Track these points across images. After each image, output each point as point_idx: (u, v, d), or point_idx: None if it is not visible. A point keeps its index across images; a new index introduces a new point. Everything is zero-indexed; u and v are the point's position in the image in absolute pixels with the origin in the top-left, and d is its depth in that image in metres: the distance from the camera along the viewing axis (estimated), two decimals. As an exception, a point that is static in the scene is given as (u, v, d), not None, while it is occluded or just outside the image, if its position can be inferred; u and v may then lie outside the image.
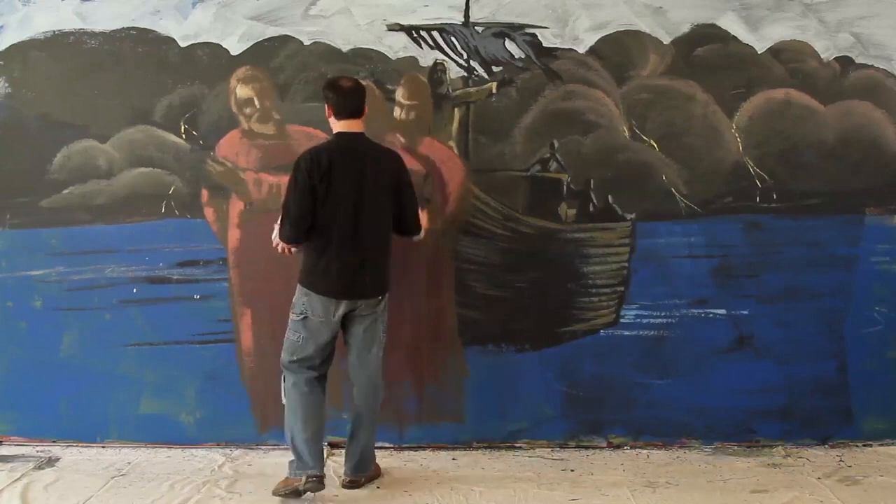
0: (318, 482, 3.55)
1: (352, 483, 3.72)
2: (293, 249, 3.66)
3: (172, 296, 4.18)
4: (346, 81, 3.59)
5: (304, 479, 3.53)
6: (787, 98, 4.08)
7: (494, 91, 4.06)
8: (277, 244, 3.67)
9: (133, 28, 4.11)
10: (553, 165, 4.11)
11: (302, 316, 3.60)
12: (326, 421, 4.19)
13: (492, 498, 3.65)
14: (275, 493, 3.62)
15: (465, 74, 4.07)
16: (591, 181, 4.11)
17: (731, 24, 4.05)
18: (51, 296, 4.20)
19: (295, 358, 3.62)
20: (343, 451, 3.82)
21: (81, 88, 4.14)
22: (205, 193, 4.16)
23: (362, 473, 3.75)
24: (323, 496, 3.66)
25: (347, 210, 3.51)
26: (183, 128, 4.12)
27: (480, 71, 4.07)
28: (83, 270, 4.20)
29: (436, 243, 4.13)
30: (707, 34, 4.05)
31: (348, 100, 3.55)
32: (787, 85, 4.08)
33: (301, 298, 3.61)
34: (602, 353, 4.15)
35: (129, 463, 4.06)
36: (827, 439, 4.19)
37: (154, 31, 4.11)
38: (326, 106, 3.62)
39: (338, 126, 3.60)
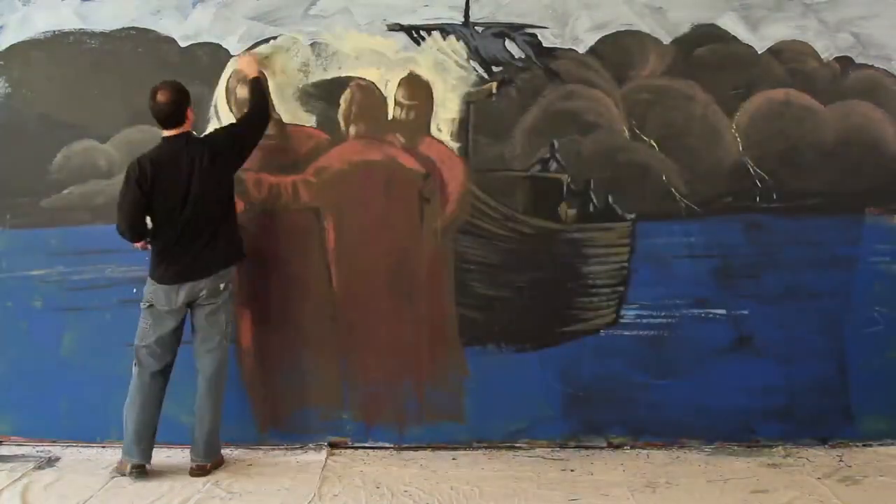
0: (141, 471, 3.84)
1: (199, 469, 3.89)
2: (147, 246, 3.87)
3: (172, 296, 4.17)
4: (161, 95, 3.73)
5: (128, 466, 3.84)
6: (787, 98, 4.08)
7: (494, 91, 4.06)
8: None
9: (133, 28, 4.11)
10: (553, 165, 4.11)
11: (148, 304, 3.85)
12: (326, 421, 4.21)
13: (492, 498, 3.65)
14: (114, 473, 3.89)
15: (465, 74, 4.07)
16: (591, 181, 4.10)
17: (731, 24, 4.05)
18: (51, 296, 4.20)
19: (143, 344, 3.85)
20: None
21: (81, 88, 4.14)
22: (205, 193, 4.15)
23: (210, 459, 3.93)
24: (322, 493, 3.67)
25: (172, 205, 3.74)
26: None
27: (480, 71, 4.06)
28: (83, 270, 4.20)
29: (436, 243, 4.13)
30: (707, 34, 4.05)
31: (160, 113, 3.75)
32: (787, 85, 4.07)
33: (148, 288, 3.86)
34: (602, 353, 4.15)
35: (129, 463, 4.06)
36: (827, 439, 4.18)
37: (154, 31, 4.11)
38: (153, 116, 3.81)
39: (164, 132, 3.81)
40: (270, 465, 4.02)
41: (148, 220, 3.82)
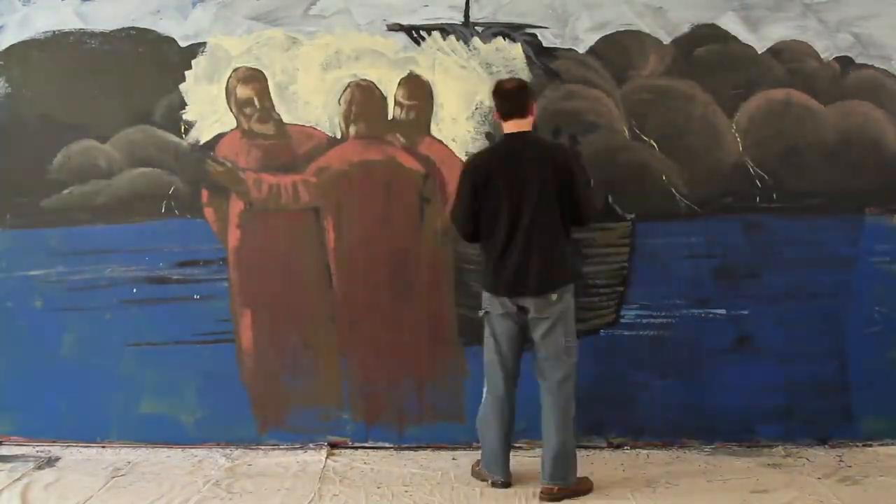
0: (504, 485, 3.71)
1: (546, 492, 3.62)
2: None
3: (172, 296, 4.18)
4: (509, 83, 3.61)
5: (489, 481, 3.73)
6: (787, 98, 4.08)
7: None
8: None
9: (133, 28, 4.11)
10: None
11: (484, 311, 3.67)
12: (326, 421, 4.22)
13: (492, 498, 3.65)
14: (472, 473, 3.82)
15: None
16: (591, 181, 4.10)
17: (731, 24, 4.05)
18: (51, 296, 4.20)
19: (491, 356, 3.67)
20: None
21: (81, 88, 4.14)
22: (205, 193, 4.16)
23: (560, 482, 3.62)
24: (322, 493, 3.67)
25: (508, 211, 3.50)
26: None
27: (480, 71, 4.06)
28: (83, 270, 4.20)
29: (436, 243, 4.13)
30: (707, 34, 4.05)
31: (508, 101, 3.56)
32: (787, 85, 4.07)
33: (484, 296, 3.67)
34: (602, 353, 4.15)
35: (129, 463, 4.06)
36: (827, 439, 4.18)
37: (154, 31, 4.11)
38: (494, 111, 3.65)
39: (506, 127, 3.61)
40: (270, 465, 4.02)
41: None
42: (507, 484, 3.71)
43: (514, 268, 3.53)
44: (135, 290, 4.19)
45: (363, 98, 4.09)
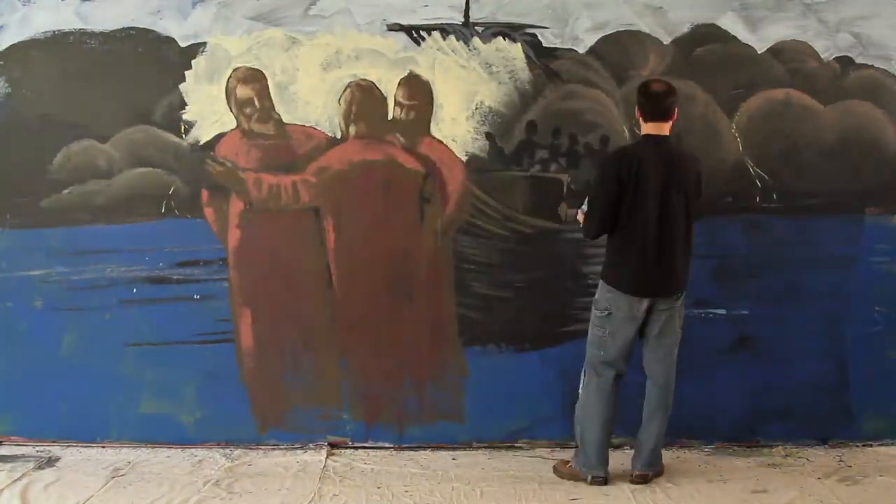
0: (603, 482, 3.72)
1: (640, 478, 3.74)
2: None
3: (172, 296, 4.18)
4: (657, 85, 3.59)
5: (588, 478, 3.72)
6: (787, 98, 4.08)
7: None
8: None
9: (133, 28, 4.11)
10: (553, 165, 4.11)
11: (606, 312, 3.64)
12: (326, 421, 4.22)
13: (492, 498, 3.65)
14: (557, 474, 3.82)
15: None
16: (591, 181, 4.10)
17: (731, 24, 4.05)
18: (51, 296, 4.20)
19: (602, 353, 3.67)
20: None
21: (81, 88, 4.14)
22: (205, 193, 4.16)
23: (652, 468, 3.77)
24: (322, 493, 3.67)
25: (651, 210, 3.53)
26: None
27: (480, 71, 4.06)
28: (83, 270, 4.19)
29: (436, 243, 4.13)
30: (707, 34, 4.05)
31: (656, 103, 3.56)
32: (787, 85, 4.08)
33: (605, 295, 3.65)
34: (602, 353, 4.15)
35: (129, 463, 4.06)
36: (827, 439, 4.19)
37: (154, 31, 4.10)
38: (637, 108, 3.64)
39: (645, 128, 3.61)
40: (270, 465, 4.02)
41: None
42: (606, 480, 3.73)
43: (658, 268, 3.56)
44: (135, 290, 4.19)
45: (363, 98, 4.09)
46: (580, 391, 3.76)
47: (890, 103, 4.09)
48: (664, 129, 3.59)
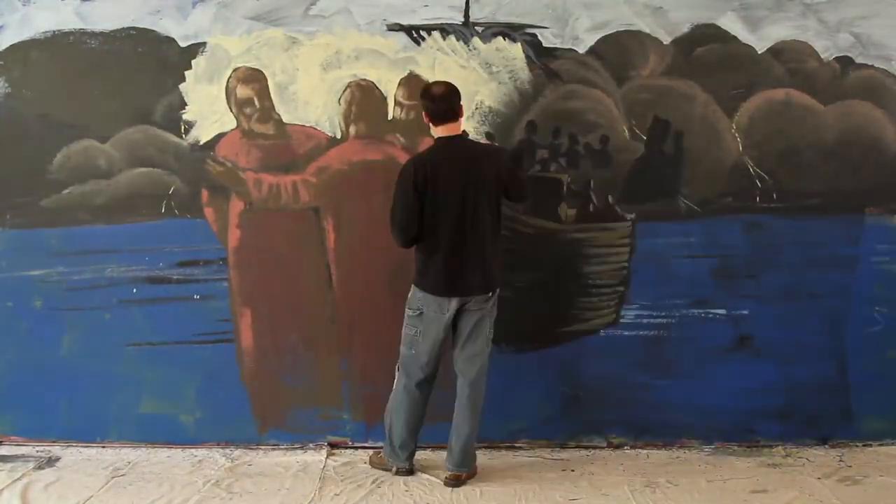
0: (408, 473, 3.85)
1: (453, 478, 3.79)
2: None
3: (172, 296, 4.18)
4: (438, 87, 3.63)
5: (394, 469, 3.86)
6: (787, 98, 4.08)
7: None
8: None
9: (133, 28, 4.11)
10: (553, 165, 4.11)
11: (418, 311, 3.71)
12: (326, 421, 4.22)
13: (492, 498, 3.65)
14: (371, 464, 3.96)
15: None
16: (591, 181, 4.10)
17: (731, 24, 4.05)
18: (51, 296, 4.20)
19: (413, 352, 3.73)
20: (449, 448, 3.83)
21: (81, 88, 4.14)
22: (205, 193, 4.16)
23: (464, 468, 3.81)
24: (322, 493, 3.67)
25: (451, 212, 3.58)
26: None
27: (480, 71, 4.06)
28: (83, 270, 4.19)
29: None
30: (707, 34, 4.05)
31: (441, 105, 3.60)
32: (787, 85, 4.07)
33: (416, 296, 3.72)
34: (602, 353, 4.15)
35: (129, 463, 4.06)
36: (827, 439, 4.19)
37: (154, 31, 4.10)
38: (424, 113, 3.66)
39: (437, 131, 3.65)
40: (270, 465, 4.02)
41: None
42: (411, 471, 3.85)
43: (462, 268, 3.62)
44: (135, 290, 4.19)
45: (363, 98, 4.09)
46: (393, 387, 3.83)
47: (890, 103, 4.08)
48: (455, 129, 3.64)
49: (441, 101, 3.60)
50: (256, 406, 4.24)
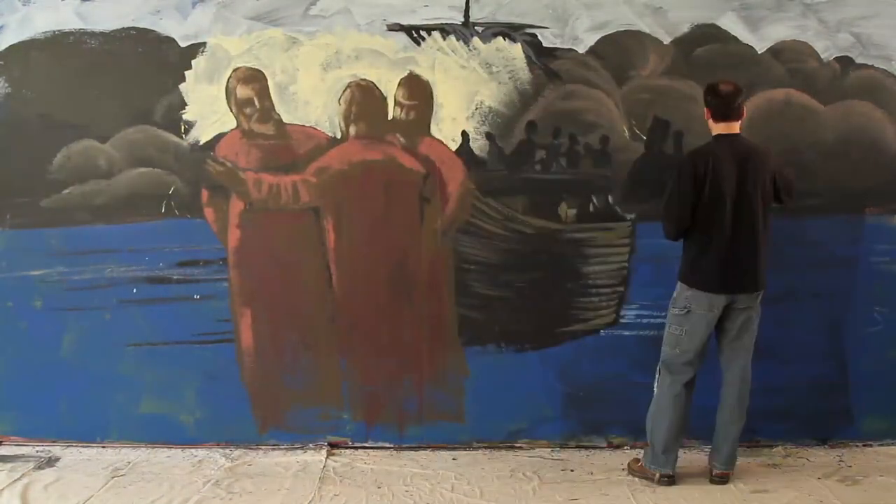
0: (670, 480, 3.75)
1: (721, 476, 3.78)
2: None
3: (172, 296, 4.18)
4: (726, 86, 3.62)
5: (657, 475, 3.77)
6: (787, 98, 4.08)
7: None
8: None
9: (133, 28, 4.11)
10: (553, 166, 4.11)
11: (686, 310, 3.68)
12: (326, 421, 4.22)
13: (492, 498, 3.65)
14: (629, 472, 3.86)
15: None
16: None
17: (731, 24, 4.05)
18: (51, 296, 4.20)
19: (677, 351, 3.70)
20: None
21: (81, 88, 4.14)
22: (205, 193, 4.16)
23: (731, 467, 3.80)
24: (322, 493, 3.67)
25: (726, 209, 3.56)
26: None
27: (480, 71, 4.06)
28: (83, 270, 4.20)
29: (436, 243, 4.13)
30: (707, 34, 4.05)
31: (726, 103, 3.60)
32: (787, 85, 4.07)
33: (684, 294, 3.69)
34: (602, 353, 4.15)
35: (129, 463, 4.06)
36: (827, 439, 4.19)
37: (154, 31, 4.10)
38: (706, 109, 3.67)
39: (716, 129, 3.65)
40: (270, 465, 4.02)
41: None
42: (673, 479, 3.76)
43: (736, 265, 3.59)
44: (135, 290, 4.19)
45: (363, 98, 4.09)
46: (654, 390, 3.79)
47: (890, 103, 4.08)
48: (734, 127, 3.63)
49: (727, 98, 3.59)
50: (256, 406, 4.24)
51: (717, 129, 3.65)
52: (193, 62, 4.09)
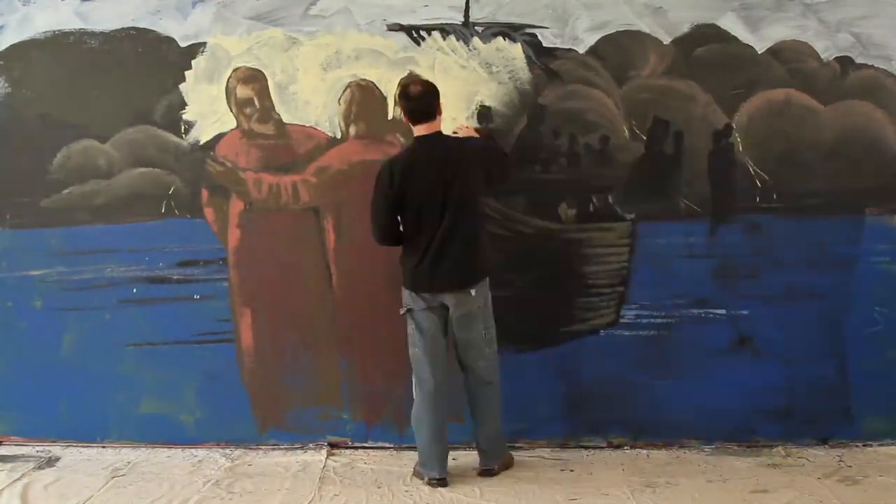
0: (441, 483, 3.75)
1: (485, 471, 3.84)
2: None
3: (172, 296, 4.19)
4: (415, 87, 3.64)
5: (426, 479, 3.78)
6: (787, 98, 4.07)
7: None
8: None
9: (133, 28, 4.11)
10: (553, 166, 4.11)
11: (408, 308, 3.74)
12: (326, 421, 4.22)
13: (492, 498, 3.65)
14: (413, 475, 3.87)
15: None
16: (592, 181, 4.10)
17: (731, 24, 4.04)
18: (51, 296, 4.21)
19: (416, 350, 3.75)
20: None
21: (81, 88, 4.14)
22: (205, 193, 4.16)
23: (495, 462, 3.87)
24: (322, 493, 3.67)
25: (428, 211, 3.60)
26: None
27: (480, 71, 4.06)
28: (83, 270, 4.20)
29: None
30: (707, 34, 4.04)
31: (418, 105, 3.63)
32: (787, 85, 4.07)
33: (404, 294, 3.75)
34: (602, 353, 4.15)
35: (129, 463, 4.06)
36: (827, 439, 4.18)
37: (154, 31, 4.11)
38: (403, 114, 3.70)
39: (416, 130, 3.68)
40: (270, 465, 4.02)
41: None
42: (442, 482, 3.75)
43: (438, 263, 3.63)
44: (135, 290, 4.19)
45: (363, 98, 4.10)
46: (414, 396, 3.83)
47: (890, 103, 4.08)
48: (434, 126, 3.66)
49: (418, 100, 3.62)
50: (256, 406, 4.24)
51: (418, 130, 3.67)
52: (193, 62, 4.09)
